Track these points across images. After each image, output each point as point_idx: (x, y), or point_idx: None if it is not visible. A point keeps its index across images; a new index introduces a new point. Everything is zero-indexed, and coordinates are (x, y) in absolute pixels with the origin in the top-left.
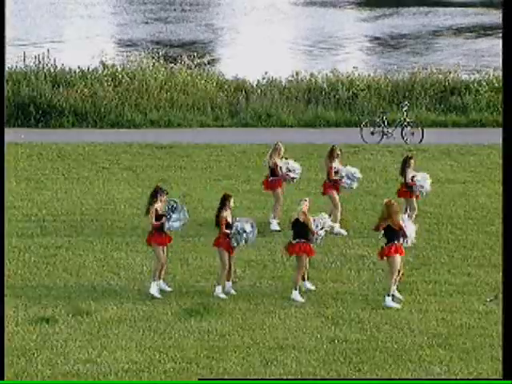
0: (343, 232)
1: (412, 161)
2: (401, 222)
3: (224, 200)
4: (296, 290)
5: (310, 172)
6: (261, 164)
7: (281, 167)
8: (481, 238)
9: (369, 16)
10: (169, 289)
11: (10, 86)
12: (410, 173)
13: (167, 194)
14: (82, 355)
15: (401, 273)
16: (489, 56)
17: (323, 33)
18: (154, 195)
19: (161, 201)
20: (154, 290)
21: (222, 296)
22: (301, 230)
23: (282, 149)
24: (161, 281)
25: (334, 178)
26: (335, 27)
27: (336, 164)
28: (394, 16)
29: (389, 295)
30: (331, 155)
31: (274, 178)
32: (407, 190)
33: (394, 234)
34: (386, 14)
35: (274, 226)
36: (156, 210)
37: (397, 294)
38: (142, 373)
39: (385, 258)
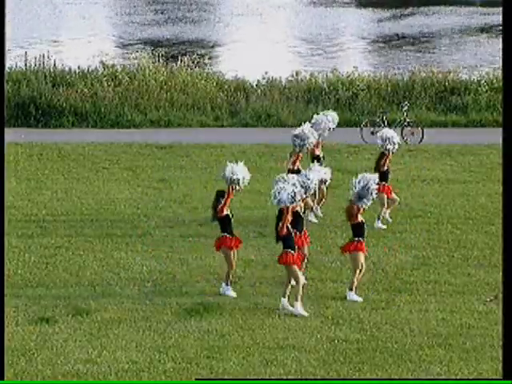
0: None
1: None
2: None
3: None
4: (352, 290)
5: None
6: (261, 164)
7: None
8: (481, 237)
9: (377, 16)
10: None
11: (10, 86)
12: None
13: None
14: (82, 355)
15: (363, 270)
16: None
17: (324, 32)
18: (218, 199)
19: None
20: (229, 291)
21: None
22: (357, 229)
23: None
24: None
25: None
26: (337, 26)
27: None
28: (409, 16)
29: (351, 289)
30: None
31: None
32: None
33: (359, 230)
34: (396, 14)
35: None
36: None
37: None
38: (142, 373)
39: (347, 253)
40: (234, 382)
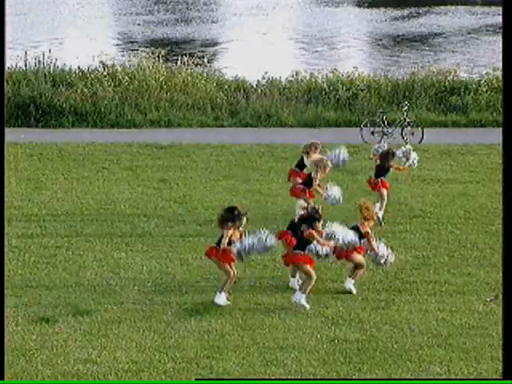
0: None
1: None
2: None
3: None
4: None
5: None
6: (261, 164)
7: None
8: (481, 237)
9: (389, 16)
10: (228, 302)
11: (10, 86)
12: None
13: (246, 215)
14: (82, 355)
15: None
16: None
17: (324, 32)
18: (232, 219)
19: (239, 226)
20: (220, 300)
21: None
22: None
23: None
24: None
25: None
26: (344, 26)
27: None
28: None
29: (353, 279)
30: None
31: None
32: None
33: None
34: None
35: None
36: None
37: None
38: (142, 373)
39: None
40: (234, 382)
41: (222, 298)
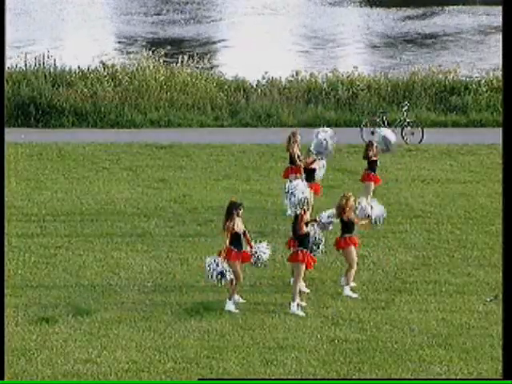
0: None
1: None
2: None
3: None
4: (348, 285)
5: None
6: (261, 164)
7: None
8: (481, 237)
9: (401, 16)
10: (242, 300)
11: (10, 86)
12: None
13: (242, 208)
14: (82, 355)
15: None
16: None
17: (325, 32)
18: (230, 212)
19: (238, 215)
20: (230, 306)
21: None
22: (347, 225)
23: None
24: (235, 295)
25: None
26: (340, 26)
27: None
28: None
29: (347, 284)
30: (292, 140)
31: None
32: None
33: (346, 225)
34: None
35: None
36: (232, 227)
37: (349, 292)
38: (142, 373)
39: (340, 250)
40: (236, 382)
41: (230, 305)
